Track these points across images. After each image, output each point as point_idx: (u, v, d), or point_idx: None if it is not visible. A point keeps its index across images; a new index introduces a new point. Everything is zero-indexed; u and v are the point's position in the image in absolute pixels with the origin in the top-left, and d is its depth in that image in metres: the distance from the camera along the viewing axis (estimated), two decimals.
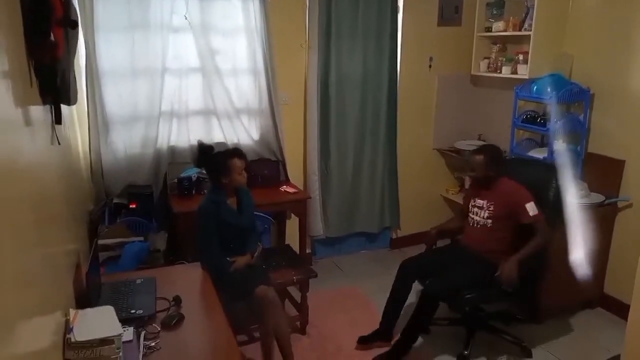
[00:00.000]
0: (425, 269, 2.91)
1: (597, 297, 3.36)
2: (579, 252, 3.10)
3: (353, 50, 3.73)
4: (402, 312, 2.94)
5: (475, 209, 2.91)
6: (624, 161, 3.19)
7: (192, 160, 2.68)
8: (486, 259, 2.76)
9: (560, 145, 3.34)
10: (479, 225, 2.88)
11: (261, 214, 3.20)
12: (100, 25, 2.95)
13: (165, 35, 3.15)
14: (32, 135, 1.38)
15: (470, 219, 2.94)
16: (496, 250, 2.78)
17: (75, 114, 2.88)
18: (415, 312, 2.78)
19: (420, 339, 3.01)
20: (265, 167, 3.57)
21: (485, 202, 2.86)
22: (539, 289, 3.01)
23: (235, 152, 2.66)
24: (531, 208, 2.70)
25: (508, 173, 2.86)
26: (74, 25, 1.59)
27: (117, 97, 3.12)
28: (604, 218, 3.20)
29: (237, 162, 2.59)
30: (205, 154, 2.62)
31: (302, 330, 3.10)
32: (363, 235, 4.25)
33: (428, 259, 3.00)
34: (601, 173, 3.26)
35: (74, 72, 1.93)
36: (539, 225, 2.71)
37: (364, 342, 2.95)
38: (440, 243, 3.15)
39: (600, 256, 3.25)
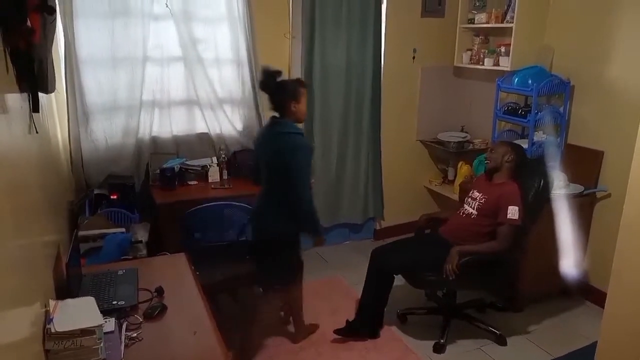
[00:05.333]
0: (390, 252, 2.95)
1: (575, 285, 3.43)
2: (559, 242, 3.17)
3: (337, 41, 3.72)
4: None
5: (469, 200, 2.95)
6: (602, 152, 3.25)
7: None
8: (452, 244, 2.79)
9: (540, 137, 3.39)
10: (464, 215, 2.92)
11: (245, 205, 3.18)
12: (79, 11, 2.89)
13: (146, 23, 3.10)
14: (8, 124, 1.35)
15: (461, 210, 2.98)
16: (467, 242, 2.80)
17: (55, 103, 2.83)
18: (373, 287, 2.84)
19: (397, 328, 3.06)
20: (249, 158, 3.54)
21: (480, 194, 2.89)
22: (516, 277, 3.07)
23: (304, 82, 2.57)
24: (513, 211, 2.70)
25: (520, 180, 2.84)
26: (51, 11, 1.55)
27: (97, 86, 3.07)
28: (582, 208, 3.26)
29: (304, 92, 2.49)
30: (273, 77, 2.48)
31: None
32: (347, 226, 4.27)
33: (396, 245, 3.04)
34: (580, 164, 3.32)
35: (52, 59, 1.89)
36: (505, 230, 2.71)
37: (341, 334, 2.91)
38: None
39: (579, 245, 3.31)
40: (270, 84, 2.48)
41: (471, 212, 2.88)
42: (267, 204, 2.60)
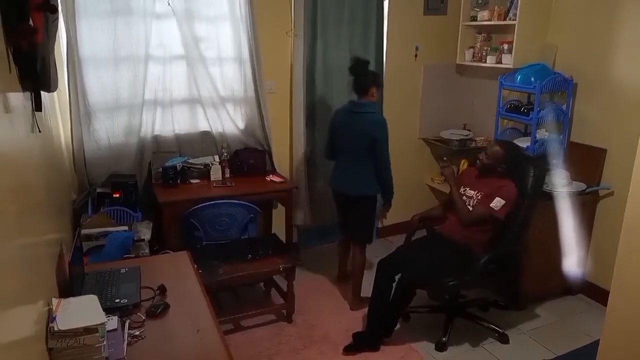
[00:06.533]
0: (403, 262, 2.88)
1: (578, 283, 3.42)
2: (561, 240, 3.16)
3: (339, 39, 3.71)
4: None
5: (464, 198, 2.93)
6: (605, 150, 3.24)
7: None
8: (461, 245, 2.79)
9: (543, 134, 3.38)
10: None
11: (247, 203, 3.19)
12: (81, 10, 2.89)
13: (148, 21, 3.10)
14: (11, 123, 1.35)
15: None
16: (472, 239, 2.80)
17: (57, 102, 2.84)
18: (393, 301, 2.80)
19: (399, 327, 3.05)
20: (251, 156, 3.55)
21: (475, 192, 2.88)
22: (520, 276, 3.07)
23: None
24: (497, 203, 2.72)
25: (514, 178, 2.82)
26: (54, 10, 1.55)
27: (99, 85, 3.07)
28: (585, 206, 3.25)
29: (382, 83, 2.94)
30: (363, 64, 2.97)
31: (289, 319, 3.11)
32: None
33: (404, 252, 3.01)
34: (583, 162, 3.31)
35: (55, 58, 1.89)
36: (479, 209, 2.77)
37: (350, 350, 2.83)
38: (418, 235, 3.19)
39: (582, 243, 3.31)
40: (361, 70, 2.97)
41: None
42: (354, 170, 3.06)
